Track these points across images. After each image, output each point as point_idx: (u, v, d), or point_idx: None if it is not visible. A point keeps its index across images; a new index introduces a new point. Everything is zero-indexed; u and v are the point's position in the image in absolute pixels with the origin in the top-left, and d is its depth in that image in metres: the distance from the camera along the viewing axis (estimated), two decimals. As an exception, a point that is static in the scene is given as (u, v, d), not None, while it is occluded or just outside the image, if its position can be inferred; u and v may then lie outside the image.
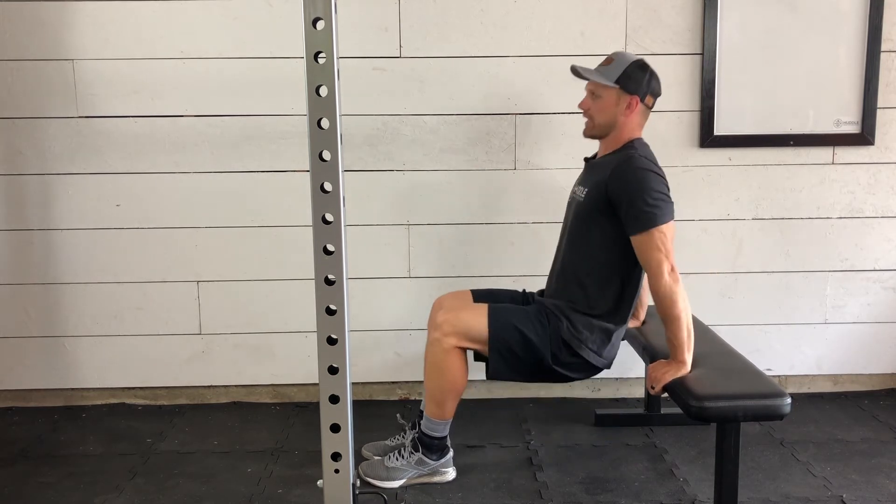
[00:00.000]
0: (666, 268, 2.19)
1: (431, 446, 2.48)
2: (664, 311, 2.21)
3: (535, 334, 2.35)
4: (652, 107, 2.41)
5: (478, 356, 2.46)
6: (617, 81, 2.34)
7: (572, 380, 2.46)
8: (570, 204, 2.54)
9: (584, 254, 2.40)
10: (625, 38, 2.99)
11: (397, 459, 2.50)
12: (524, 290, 2.68)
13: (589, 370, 2.44)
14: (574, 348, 2.37)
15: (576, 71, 2.43)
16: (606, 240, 2.34)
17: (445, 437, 2.50)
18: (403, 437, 2.63)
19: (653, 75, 2.38)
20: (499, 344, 2.35)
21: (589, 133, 2.45)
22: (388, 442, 2.68)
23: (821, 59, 3.00)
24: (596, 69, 2.41)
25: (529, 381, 2.49)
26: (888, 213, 3.12)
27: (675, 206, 2.30)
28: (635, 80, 2.35)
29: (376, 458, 2.59)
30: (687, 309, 2.21)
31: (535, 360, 2.37)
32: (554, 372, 2.40)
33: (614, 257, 2.35)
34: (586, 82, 2.44)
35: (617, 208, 2.28)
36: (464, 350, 2.40)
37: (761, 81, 3.01)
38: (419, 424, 2.52)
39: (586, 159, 2.57)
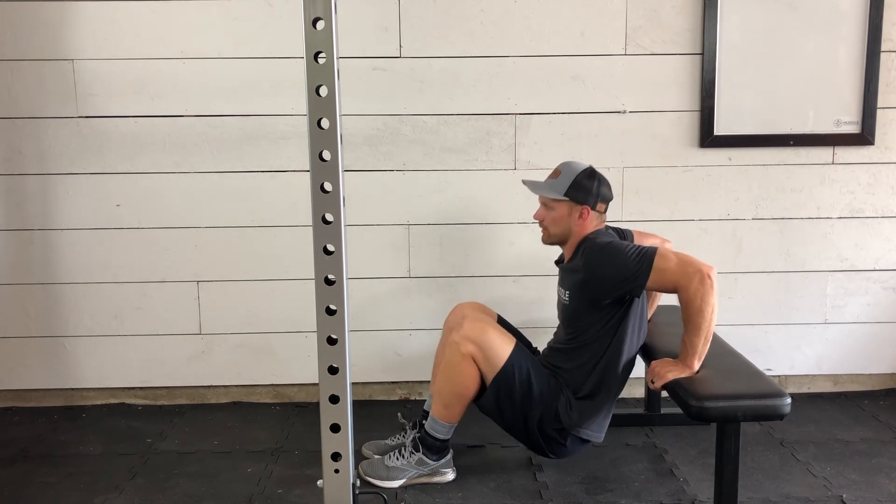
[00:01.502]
0: (695, 278, 2.16)
1: (433, 447, 2.48)
2: (689, 317, 2.20)
3: (538, 390, 2.36)
4: (605, 211, 2.43)
5: None
6: (566, 194, 2.37)
7: (549, 456, 2.48)
8: (558, 302, 2.54)
9: (582, 348, 2.41)
10: (625, 38, 2.99)
11: (397, 459, 2.50)
12: (532, 345, 2.68)
13: (575, 447, 2.45)
14: (563, 424, 2.38)
15: (527, 185, 2.47)
16: (601, 330, 2.36)
17: (448, 440, 2.49)
18: (404, 436, 2.63)
19: (601, 182, 2.40)
20: (503, 381, 2.35)
21: (547, 241, 2.49)
22: (388, 441, 2.68)
23: (821, 59, 3.00)
24: (545, 182, 2.45)
25: (504, 428, 2.48)
26: (888, 213, 3.12)
27: (676, 207, 2.91)
28: (584, 189, 2.37)
29: (376, 456, 2.59)
30: (713, 321, 2.19)
31: (524, 414, 2.38)
32: (532, 436, 2.40)
33: (614, 347, 2.36)
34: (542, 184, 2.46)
35: (610, 288, 2.29)
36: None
37: (761, 81, 3.01)
38: (421, 424, 2.52)
39: (557, 263, 2.58)
